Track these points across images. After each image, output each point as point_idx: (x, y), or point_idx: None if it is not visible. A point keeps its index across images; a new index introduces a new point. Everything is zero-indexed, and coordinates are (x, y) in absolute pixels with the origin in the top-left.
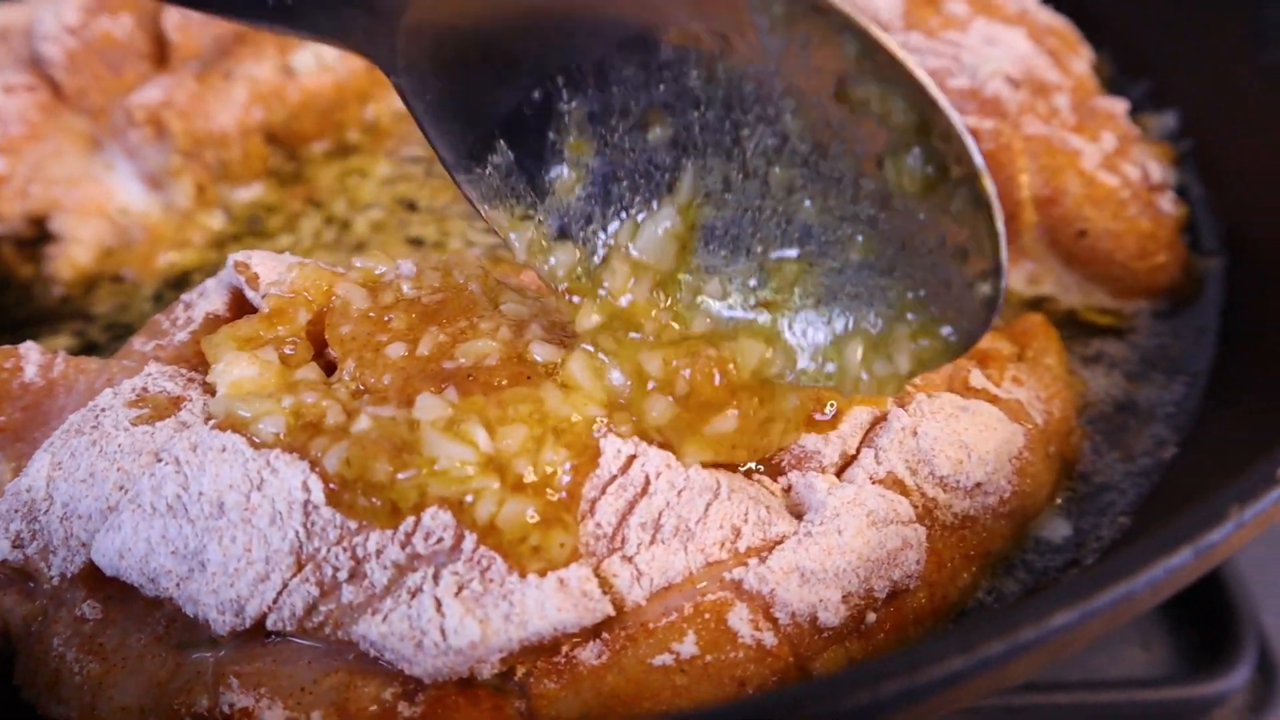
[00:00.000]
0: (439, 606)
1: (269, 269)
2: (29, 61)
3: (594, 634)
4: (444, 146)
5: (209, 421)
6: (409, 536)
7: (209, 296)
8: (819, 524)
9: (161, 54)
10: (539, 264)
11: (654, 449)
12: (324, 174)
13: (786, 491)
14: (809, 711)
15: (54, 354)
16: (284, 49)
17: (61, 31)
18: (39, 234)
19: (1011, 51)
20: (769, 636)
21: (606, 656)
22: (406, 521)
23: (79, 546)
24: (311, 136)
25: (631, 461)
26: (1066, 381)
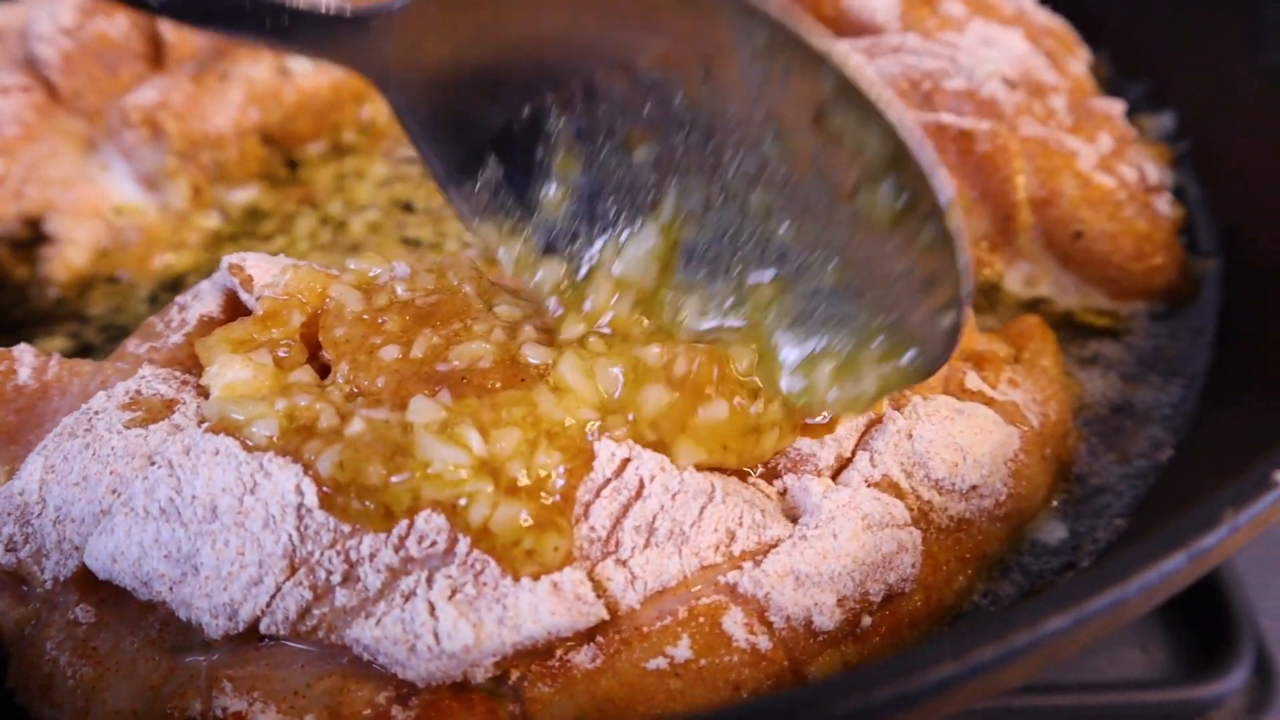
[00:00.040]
0: (432, 610)
1: (263, 271)
2: (24, 62)
3: (588, 638)
4: (435, 161)
5: (202, 424)
6: (402, 540)
7: (203, 298)
8: (814, 527)
9: (157, 55)
10: (525, 278)
11: (648, 452)
12: (320, 175)
13: (782, 495)
14: (802, 716)
15: (48, 356)
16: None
17: (57, 32)
18: (34, 235)
19: (1008, 52)
20: (763, 640)
21: (600, 660)
22: (400, 525)
23: (72, 550)
24: (307, 137)
25: (626, 465)
26: (1063, 383)
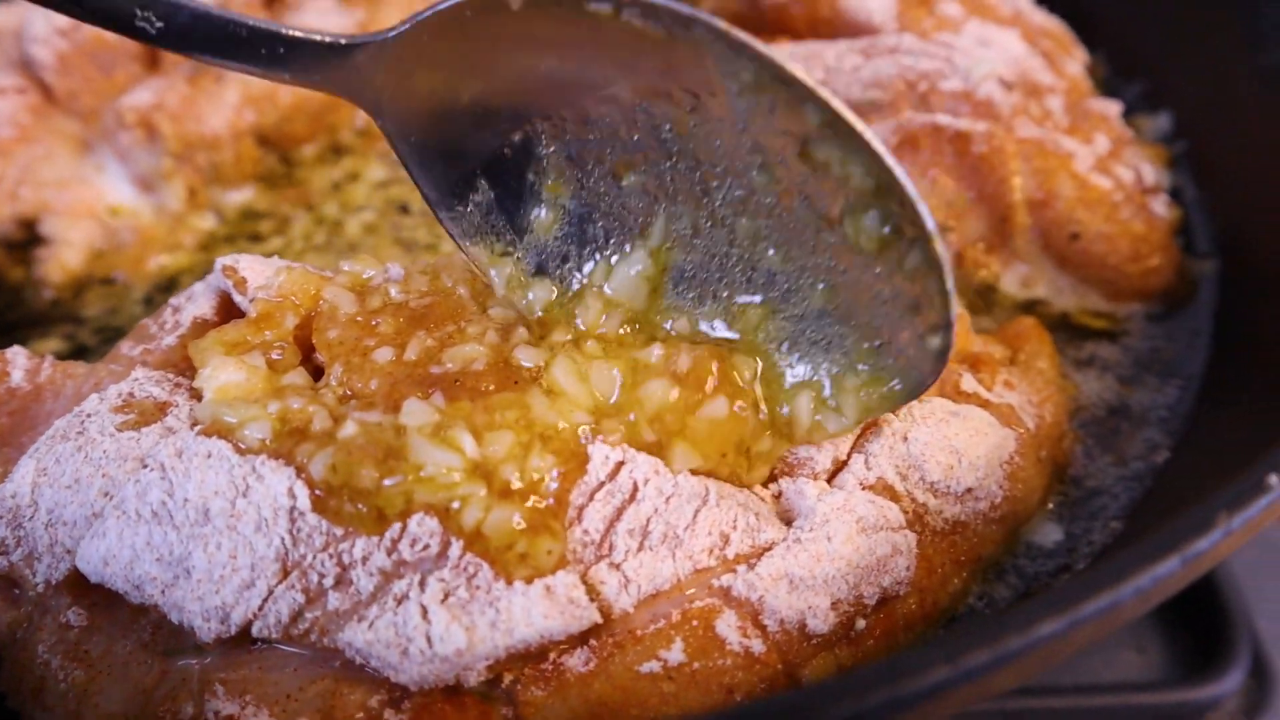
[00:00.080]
0: (425, 613)
1: (257, 273)
2: (19, 64)
3: (581, 641)
4: (427, 185)
5: (195, 427)
6: (395, 543)
7: (197, 301)
8: (808, 530)
9: (152, 56)
10: (517, 299)
11: (642, 455)
12: (316, 176)
13: (776, 498)
14: None
15: (41, 358)
16: None
17: (52, 34)
18: (29, 237)
19: (1005, 53)
20: (757, 644)
21: (594, 664)
22: (393, 528)
23: (64, 553)
24: (303, 139)
25: (620, 468)
26: (1059, 385)
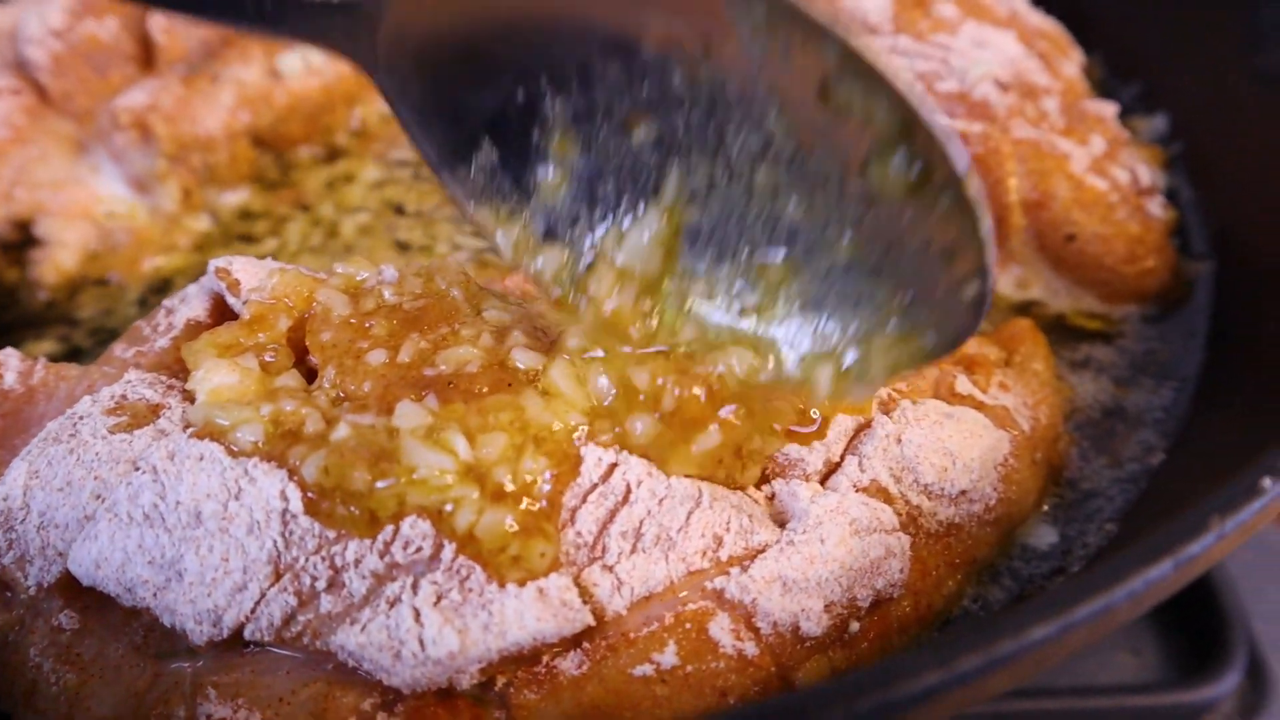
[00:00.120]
0: (417, 616)
1: (250, 275)
2: (13, 64)
3: (574, 644)
4: (428, 145)
5: (187, 430)
6: (388, 546)
7: (190, 303)
8: (801, 533)
9: (147, 57)
10: (526, 264)
11: (635, 457)
12: (311, 178)
13: (770, 500)
14: None
15: (34, 360)
16: (270, 52)
17: (46, 34)
18: (24, 238)
19: (1001, 54)
20: (750, 646)
21: (587, 666)
22: (385, 531)
23: (56, 556)
24: (299, 140)
25: (613, 470)
26: (1054, 387)
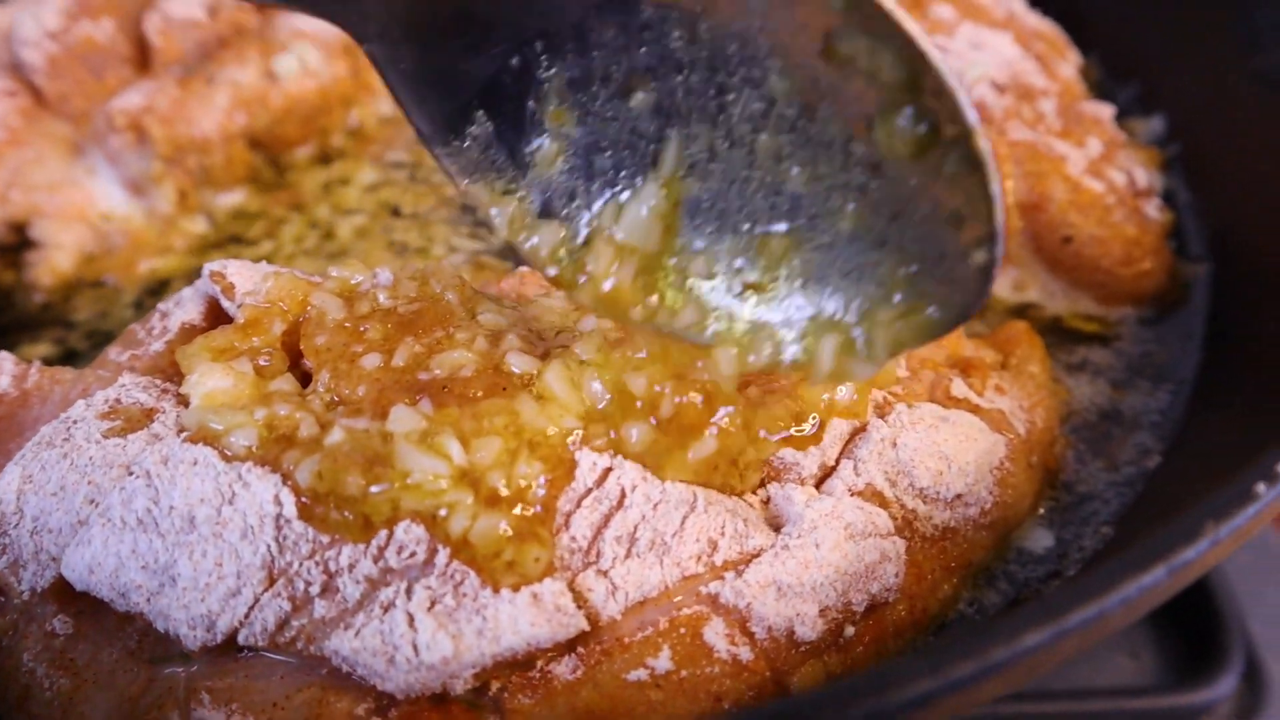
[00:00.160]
0: (411, 621)
1: (245, 278)
2: (9, 66)
3: (569, 649)
4: (420, 117)
5: (181, 434)
6: (381, 550)
7: (185, 306)
8: (796, 537)
9: (143, 58)
10: (521, 241)
11: (630, 462)
12: (307, 179)
13: (765, 504)
14: None
15: (28, 364)
16: (266, 54)
17: (42, 36)
18: (19, 240)
19: (998, 56)
20: (745, 651)
21: (581, 671)
22: (379, 535)
23: (49, 561)
24: (295, 142)
25: (607, 474)
26: (1050, 390)
